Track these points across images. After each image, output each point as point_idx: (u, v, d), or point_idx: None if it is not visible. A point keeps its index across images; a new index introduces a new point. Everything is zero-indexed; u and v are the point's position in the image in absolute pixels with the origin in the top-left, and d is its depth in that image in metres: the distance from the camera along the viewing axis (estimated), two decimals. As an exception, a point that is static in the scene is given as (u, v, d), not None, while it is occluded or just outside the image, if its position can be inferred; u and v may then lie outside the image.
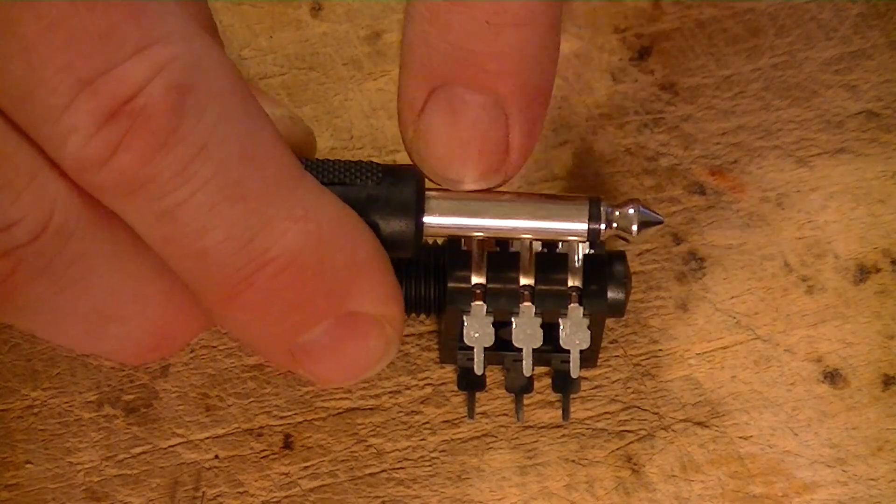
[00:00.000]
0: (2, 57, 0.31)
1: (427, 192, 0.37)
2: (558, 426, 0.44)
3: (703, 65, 0.49)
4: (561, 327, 0.40)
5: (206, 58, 0.32)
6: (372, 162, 0.37)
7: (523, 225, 0.37)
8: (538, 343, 0.40)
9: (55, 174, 0.32)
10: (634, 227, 0.38)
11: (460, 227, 0.37)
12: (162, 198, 0.32)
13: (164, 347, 0.36)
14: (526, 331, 0.40)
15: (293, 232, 0.33)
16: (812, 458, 0.43)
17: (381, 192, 0.36)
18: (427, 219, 0.37)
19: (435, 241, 0.42)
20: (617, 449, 0.43)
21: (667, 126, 0.48)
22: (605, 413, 0.44)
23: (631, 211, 0.38)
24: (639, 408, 0.44)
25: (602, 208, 0.37)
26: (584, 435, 0.44)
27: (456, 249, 0.40)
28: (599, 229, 0.37)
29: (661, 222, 0.39)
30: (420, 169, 0.38)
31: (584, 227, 0.37)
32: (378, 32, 0.50)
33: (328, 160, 0.37)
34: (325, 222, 0.34)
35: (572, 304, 0.40)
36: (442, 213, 0.37)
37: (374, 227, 0.36)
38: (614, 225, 0.38)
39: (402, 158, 0.47)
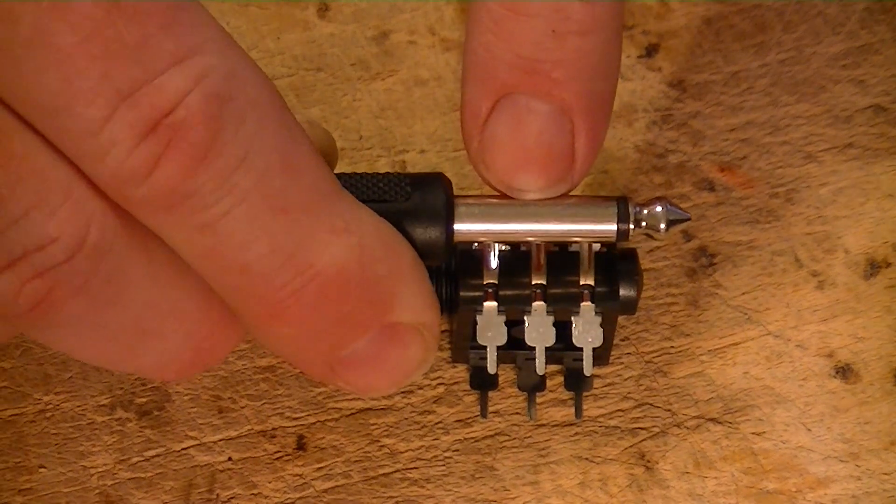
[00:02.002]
0: (36, 70, 0.31)
1: (455, 199, 0.37)
2: (571, 424, 0.44)
3: (711, 61, 0.49)
4: (573, 325, 0.40)
5: (242, 68, 0.32)
6: (399, 173, 0.37)
7: (553, 228, 0.37)
8: (551, 341, 0.40)
9: (91, 191, 0.32)
10: (663, 225, 0.38)
11: (490, 233, 0.38)
12: (203, 211, 0.32)
13: (202, 361, 0.36)
14: (538, 329, 0.40)
15: (336, 245, 0.33)
16: (825, 453, 0.43)
17: (411, 203, 0.36)
18: (457, 226, 0.37)
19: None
20: (630, 446, 0.43)
21: (675, 123, 0.48)
22: (618, 410, 0.44)
23: (659, 209, 0.38)
24: (651, 405, 0.44)
25: (630, 208, 0.38)
26: (596, 433, 0.44)
27: (468, 249, 0.40)
28: (629, 229, 0.38)
29: (688, 219, 0.39)
30: (486, 177, 0.38)
31: (613, 227, 0.38)
32: (385, 32, 0.50)
33: (356, 174, 0.36)
34: (366, 234, 0.34)
35: (584, 303, 0.40)
36: (471, 220, 0.37)
37: (406, 237, 0.36)
38: (643, 224, 0.38)
39: (411, 159, 0.47)
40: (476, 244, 0.40)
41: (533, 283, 0.40)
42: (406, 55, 0.49)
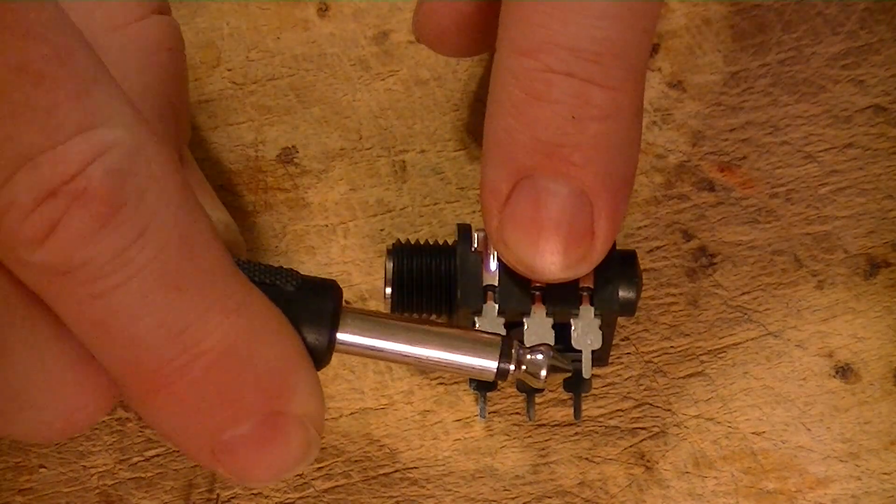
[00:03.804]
0: None
1: (344, 309, 0.37)
2: (570, 424, 0.44)
3: (711, 61, 0.49)
4: (572, 327, 0.40)
5: (148, 145, 0.32)
6: (293, 270, 0.36)
7: (434, 355, 0.37)
8: (550, 344, 0.40)
9: None
10: (543, 373, 0.38)
11: (371, 348, 0.37)
12: (96, 281, 0.31)
13: (73, 429, 0.35)
14: (537, 331, 0.40)
15: (226, 325, 0.33)
16: (825, 453, 0.43)
17: (299, 298, 0.36)
18: (340, 335, 0.36)
19: (445, 241, 0.42)
20: (630, 446, 0.44)
21: (675, 123, 0.48)
22: (618, 410, 0.44)
23: (540, 357, 0.38)
24: (651, 405, 0.44)
25: (514, 349, 0.37)
26: (596, 433, 0.44)
27: (467, 249, 0.40)
28: (508, 369, 0.37)
29: (570, 371, 0.38)
30: (505, 257, 0.38)
31: (493, 365, 0.37)
32: (385, 32, 0.50)
33: (250, 261, 0.36)
34: (257, 318, 0.33)
35: (584, 305, 0.40)
36: (355, 332, 0.36)
37: None
38: (523, 367, 0.38)
39: (411, 158, 0.47)
40: (474, 247, 0.40)
41: (532, 285, 0.40)
42: (406, 55, 0.49)
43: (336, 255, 0.46)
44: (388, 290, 0.41)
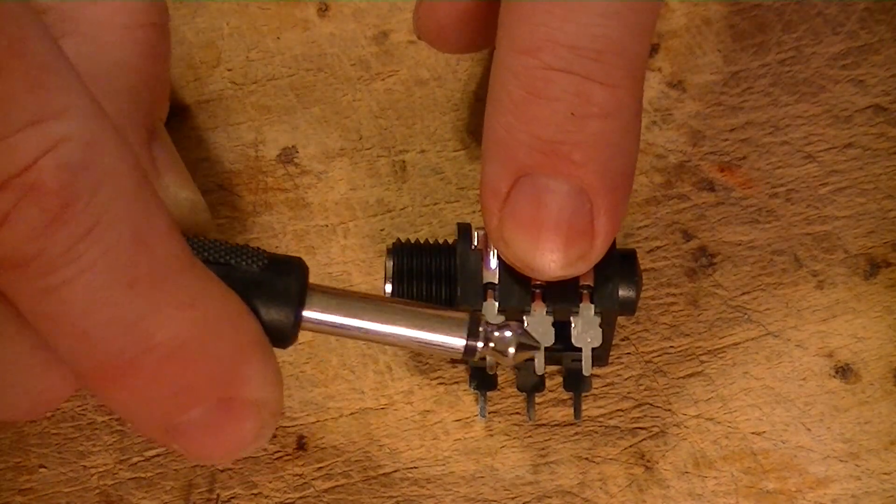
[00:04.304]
0: None
1: (310, 286, 0.36)
2: (570, 424, 0.44)
3: (711, 61, 0.49)
4: (573, 326, 0.40)
5: (103, 137, 0.32)
6: (259, 248, 0.36)
7: (401, 332, 0.37)
8: (550, 342, 0.40)
9: None
10: (511, 350, 0.38)
11: (339, 326, 0.37)
12: (47, 275, 0.31)
13: (38, 410, 0.35)
14: (538, 329, 0.40)
15: (179, 319, 0.33)
16: (825, 453, 0.43)
17: (264, 278, 0.36)
18: (307, 312, 0.36)
19: (445, 239, 0.42)
20: (630, 446, 0.44)
21: (675, 123, 0.48)
22: (618, 410, 0.44)
23: (508, 333, 0.38)
24: (651, 405, 0.44)
25: (481, 326, 0.37)
26: (596, 433, 0.44)
27: (467, 248, 0.40)
28: (476, 346, 0.37)
29: (537, 348, 0.38)
30: (505, 255, 0.38)
31: (461, 342, 0.37)
32: (385, 32, 0.50)
33: (216, 241, 0.36)
34: (211, 310, 0.33)
35: (584, 303, 0.40)
36: (322, 309, 0.36)
37: (254, 313, 0.35)
38: (491, 344, 0.37)
39: (411, 158, 0.47)
40: (474, 245, 0.40)
41: (532, 283, 0.40)
42: (406, 55, 0.49)
43: (336, 255, 0.46)
44: (389, 290, 0.41)
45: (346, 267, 0.46)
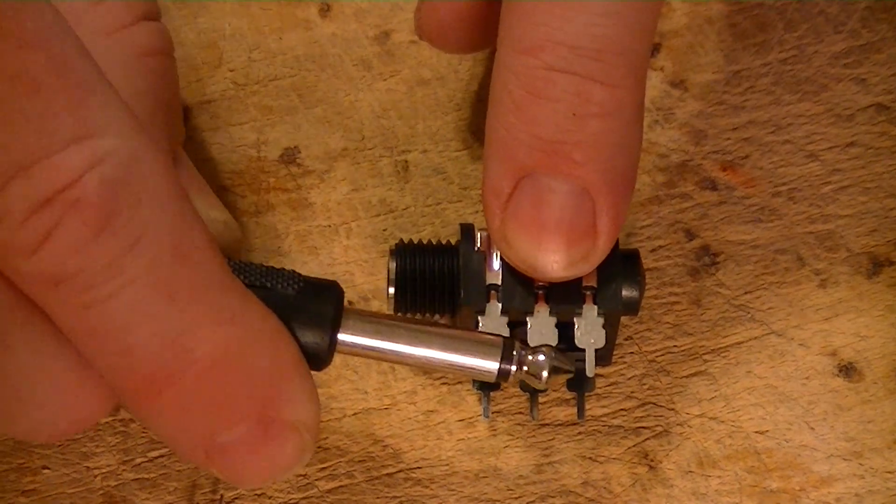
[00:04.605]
0: None
1: (346, 309, 0.37)
2: (574, 424, 0.44)
3: (713, 60, 0.49)
4: (576, 326, 0.40)
5: (144, 154, 0.32)
6: (294, 271, 0.36)
7: (436, 356, 0.37)
8: (553, 342, 0.40)
9: None
10: (545, 374, 0.38)
11: (373, 349, 0.37)
12: (89, 290, 0.31)
13: (76, 428, 0.35)
14: (541, 331, 0.40)
15: (219, 335, 0.33)
16: (828, 451, 0.43)
17: (300, 301, 0.36)
18: (342, 335, 0.36)
19: (448, 240, 0.42)
20: (633, 446, 0.44)
21: (677, 122, 0.48)
22: (621, 410, 0.44)
23: (542, 358, 0.38)
24: (654, 404, 0.44)
25: (515, 351, 0.37)
26: (600, 432, 0.44)
27: (470, 249, 0.40)
28: (510, 370, 0.37)
29: (572, 372, 0.39)
30: (507, 255, 0.38)
31: (495, 366, 0.37)
32: (387, 32, 0.50)
33: (252, 263, 0.36)
34: (251, 327, 0.34)
35: (587, 304, 0.40)
36: (357, 332, 0.37)
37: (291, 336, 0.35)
38: (524, 368, 0.38)
39: (413, 158, 0.47)
40: (477, 246, 0.40)
41: (535, 284, 0.40)
42: (408, 55, 0.49)
43: (339, 256, 0.46)
44: (391, 290, 0.41)
45: (348, 267, 0.46)
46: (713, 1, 0.50)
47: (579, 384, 0.43)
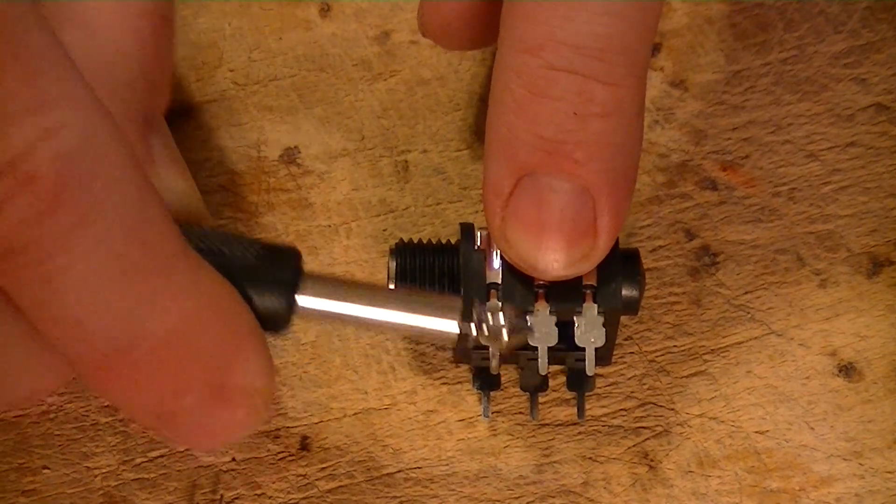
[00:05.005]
0: None
1: (304, 274, 0.36)
2: (574, 423, 0.44)
3: (713, 60, 0.49)
4: (576, 325, 0.40)
5: (99, 127, 0.31)
6: (254, 239, 0.36)
7: (395, 317, 0.37)
8: (553, 341, 0.40)
9: None
10: (504, 332, 0.38)
11: (332, 312, 0.37)
12: (41, 263, 0.31)
13: (35, 398, 0.35)
14: (541, 329, 0.40)
15: (173, 309, 0.33)
16: (828, 451, 0.43)
17: (258, 265, 0.36)
18: (301, 298, 0.36)
19: (448, 239, 0.42)
20: (633, 445, 0.44)
21: (677, 122, 0.48)
22: (621, 410, 0.44)
23: (501, 316, 0.38)
24: (654, 404, 0.44)
25: (475, 310, 0.37)
26: (600, 432, 0.44)
27: (470, 248, 0.40)
28: (470, 330, 0.37)
29: (531, 330, 0.39)
30: (508, 254, 0.38)
31: (455, 326, 0.37)
32: (387, 32, 0.50)
33: (212, 230, 0.36)
34: (204, 299, 0.33)
35: (587, 303, 0.40)
36: (316, 295, 0.36)
37: (248, 301, 0.35)
38: (485, 329, 0.37)
39: (413, 159, 0.47)
40: (477, 245, 0.40)
41: (536, 283, 0.40)
42: (408, 55, 0.49)
43: (339, 256, 0.46)
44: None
45: (348, 267, 0.46)
46: (713, 1, 0.50)
47: (579, 384, 0.43)
